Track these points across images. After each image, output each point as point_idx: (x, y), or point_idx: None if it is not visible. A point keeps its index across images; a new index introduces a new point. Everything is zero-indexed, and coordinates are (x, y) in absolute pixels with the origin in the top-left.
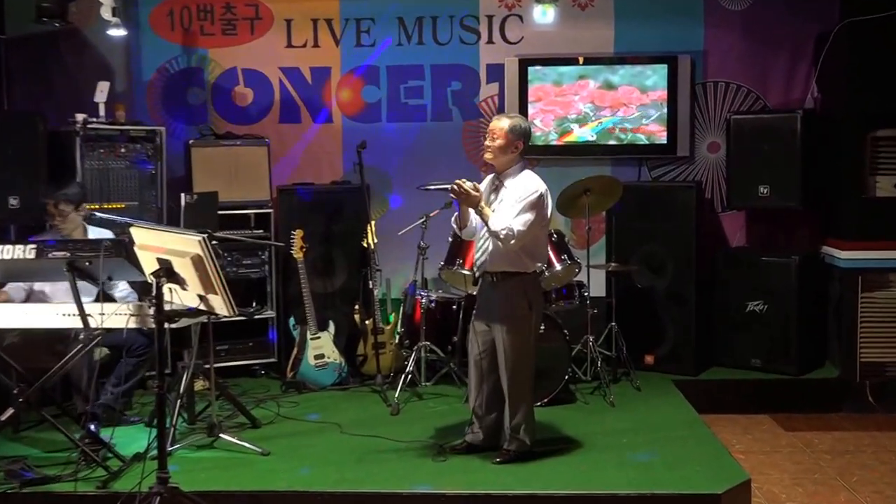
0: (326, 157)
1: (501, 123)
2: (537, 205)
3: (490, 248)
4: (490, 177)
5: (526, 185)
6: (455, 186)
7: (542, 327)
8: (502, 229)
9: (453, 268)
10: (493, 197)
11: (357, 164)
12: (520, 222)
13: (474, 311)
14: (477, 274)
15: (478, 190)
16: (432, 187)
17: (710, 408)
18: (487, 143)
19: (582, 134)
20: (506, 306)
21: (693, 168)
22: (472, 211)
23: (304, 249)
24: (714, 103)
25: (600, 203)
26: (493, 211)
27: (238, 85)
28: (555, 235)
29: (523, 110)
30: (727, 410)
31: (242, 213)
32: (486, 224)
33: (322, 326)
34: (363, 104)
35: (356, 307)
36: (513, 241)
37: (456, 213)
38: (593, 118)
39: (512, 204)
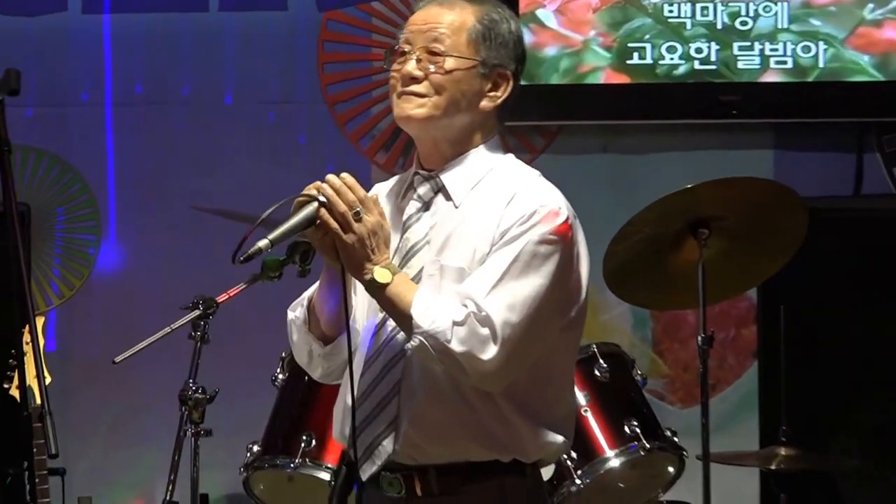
0: None
1: (448, 15)
2: (556, 251)
3: (414, 387)
4: (394, 181)
5: (521, 195)
6: (315, 191)
7: None
8: (456, 320)
9: (289, 462)
10: (412, 232)
11: None
12: (508, 299)
13: None
14: (363, 471)
15: (376, 206)
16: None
17: None
18: (409, 68)
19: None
20: None
21: None
22: (355, 285)
23: None
24: None
25: (739, 264)
26: (409, 274)
27: None
28: (600, 363)
29: None
30: None
31: None
32: (397, 312)
33: None
34: None
35: None
36: (491, 356)
37: (310, 294)
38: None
39: (477, 246)
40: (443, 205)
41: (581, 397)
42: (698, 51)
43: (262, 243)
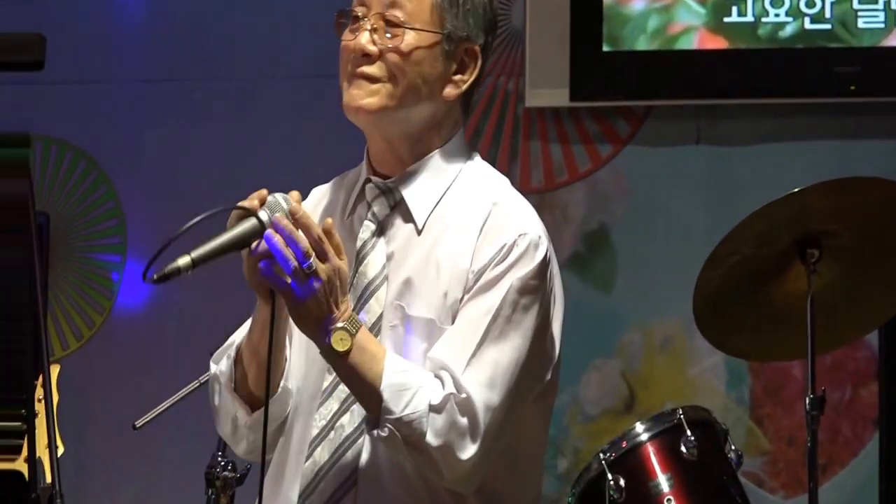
0: None
1: None
2: (538, 298)
3: (378, 476)
4: (336, 185)
5: (495, 218)
6: (257, 203)
7: None
8: (433, 403)
9: None
10: (368, 265)
11: None
12: (488, 371)
13: None
14: None
15: (332, 240)
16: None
17: None
18: (363, 41)
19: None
20: None
21: None
22: (291, 327)
23: None
24: None
25: (856, 298)
26: (366, 321)
27: None
28: (688, 435)
29: None
30: None
31: None
32: (361, 387)
33: None
34: None
35: None
36: (470, 454)
37: (239, 341)
38: None
39: (448, 289)
40: (401, 228)
41: (664, 481)
42: (809, 4)
43: (183, 261)
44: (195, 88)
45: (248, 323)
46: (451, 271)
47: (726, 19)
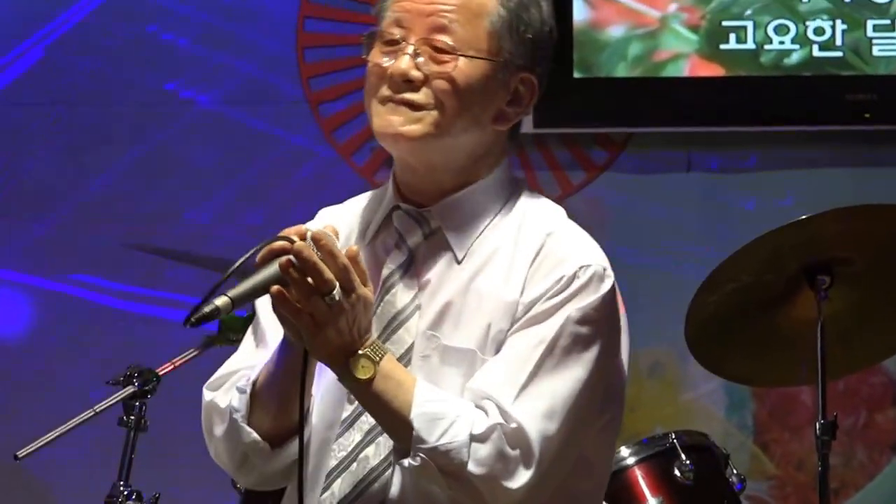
0: None
1: None
2: (601, 331)
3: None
4: (351, 210)
5: (550, 249)
6: (281, 246)
7: None
8: (475, 433)
9: None
10: (396, 294)
11: None
12: (545, 403)
13: None
14: None
15: (357, 268)
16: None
17: None
18: (404, 66)
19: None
20: None
21: None
22: (321, 374)
23: None
24: None
25: (871, 324)
26: (394, 352)
27: None
28: (682, 459)
29: None
30: None
31: None
32: (388, 417)
33: None
34: None
35: None
36: (521, 483)
37: (255, 375)
38: None
39: (493, 320)
40: (437, 257)
41: None
42: (818, 31)
43: (221, 302)
44: (69, 112)
45: (247, 350)
46: (495, 302)
47: (723, 46)
